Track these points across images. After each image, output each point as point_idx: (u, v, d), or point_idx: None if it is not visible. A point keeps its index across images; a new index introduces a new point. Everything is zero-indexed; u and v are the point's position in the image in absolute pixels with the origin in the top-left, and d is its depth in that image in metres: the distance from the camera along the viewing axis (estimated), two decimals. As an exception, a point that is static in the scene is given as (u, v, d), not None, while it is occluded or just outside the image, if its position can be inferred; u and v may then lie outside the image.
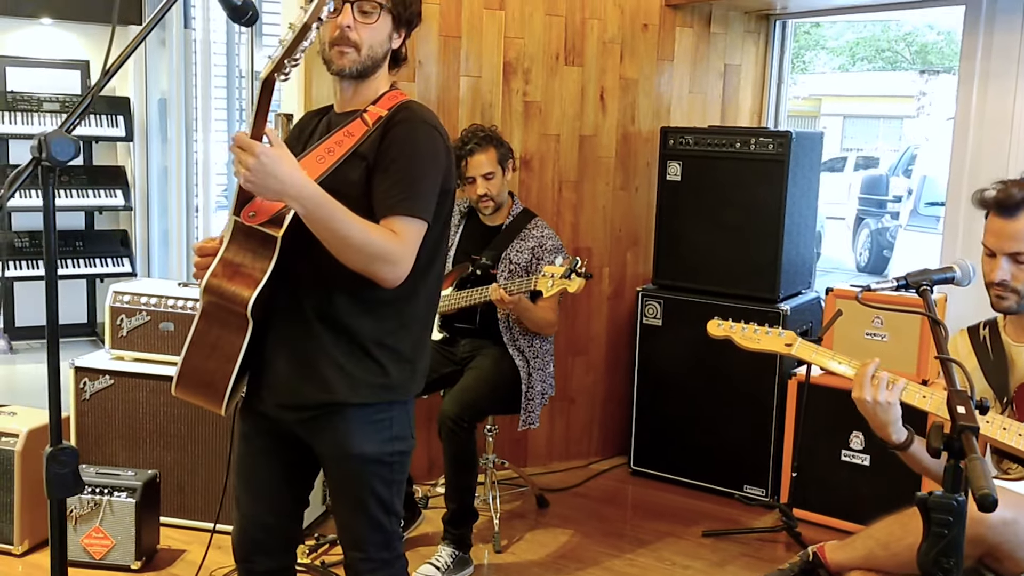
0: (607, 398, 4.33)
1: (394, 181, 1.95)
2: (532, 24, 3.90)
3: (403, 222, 1.93)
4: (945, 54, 22.28)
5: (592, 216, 4.16)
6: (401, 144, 1.97)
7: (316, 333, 2.00)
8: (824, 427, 3.63)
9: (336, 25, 1.98)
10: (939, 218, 6.35)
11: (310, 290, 1.98)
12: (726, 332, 2.36)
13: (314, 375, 2.01)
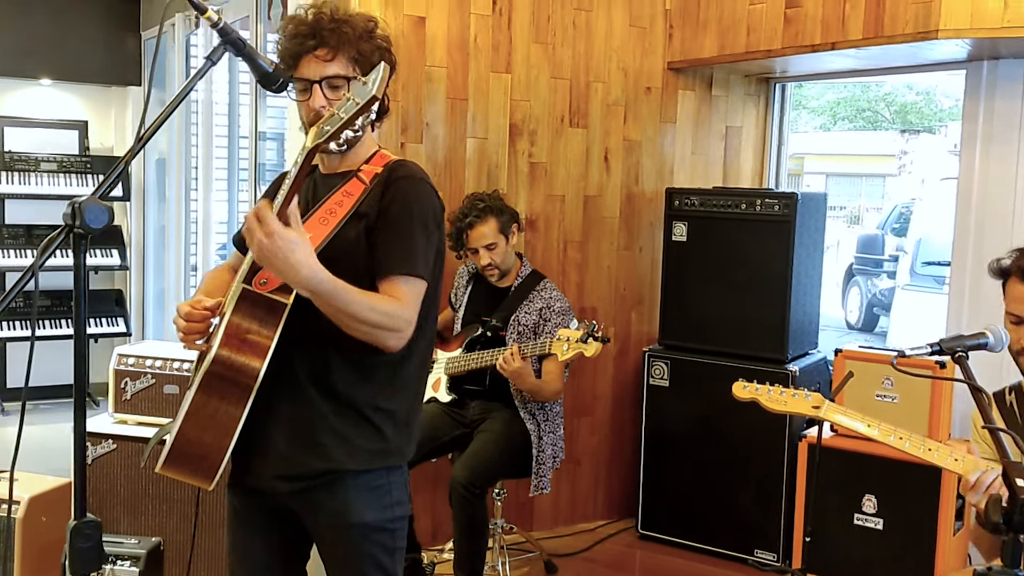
0: (613, 460, 4.29)
1: (395, 240, 1.93)
2: (538, 87, 3.93)
3: (405, 283, 1.92)
4: (924, 114, 22.64)
5: (597, 276, 4.16)
6: (402, 203, 1.96)
7: (311, 399, 1.96)
8: (835, 490, 3.59)
9: (309, 108, 1.97)
10: (935, 278, 6.40)
11: (305, 355, 1.94)
12: (752, 394, 2.34)
13: (311, 443, 1.96)
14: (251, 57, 1.87)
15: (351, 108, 1.70)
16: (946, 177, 6.67)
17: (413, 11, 3.64)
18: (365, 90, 1.69)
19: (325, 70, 1.96)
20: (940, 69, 3.95)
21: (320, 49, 1.96)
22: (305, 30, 1.97)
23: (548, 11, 3.92)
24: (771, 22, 3.77)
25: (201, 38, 5.25)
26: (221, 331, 1.85)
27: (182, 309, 1.99)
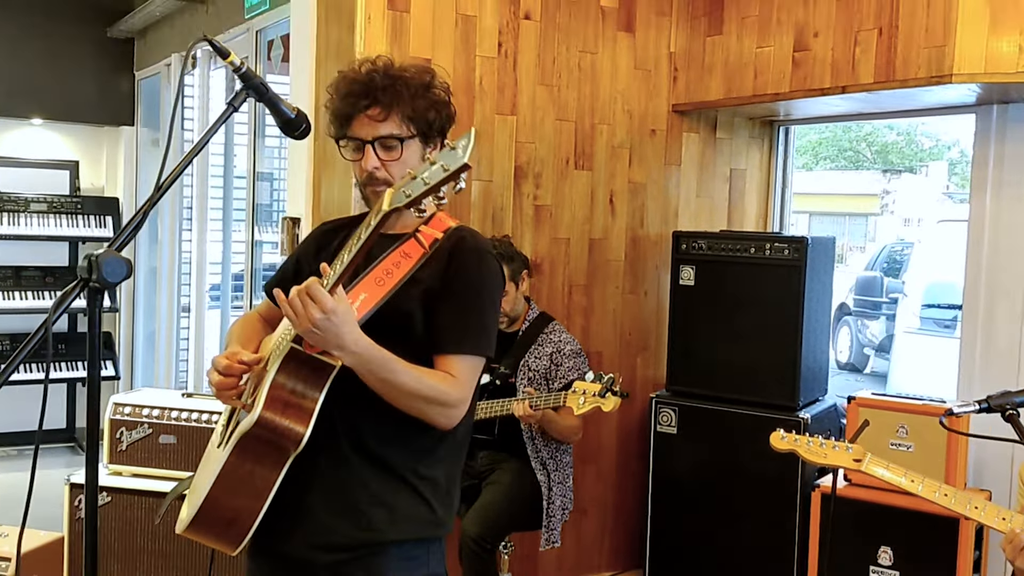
0: (619, 508, 4.19)
1: (460, 315, 1.86)
2: (543, 129, 3.88)
3: (465, 360, 1.85)
4: (905, 154, 22.89)
5: (602, 320, 4.09)
6: (469, 276, 1.88)
7: (350, 463, 1.87)
8: (850, 541, 3.51)
9: (362, 168, 1.91)
10: (936, 320, 6.38)
11: (345, 416, 1.85)
12: (791, 445, 2.28)
13: (352, 511, 1.87)
14: (273, 103, 1.81)
15: (437, 175, 1.57)
16: (944, 219, 6.68)
17: (418, 52, 3.59)
18: (455, 157, 1.56)
19: (378, 130, 1.89)
20: (948, 113, 3.93)
21: (372, 108, 1.88)
22: (357, 89, 1.89)
23: (553, 53, 3.88)
24: (779, 65, 3.74)
25: (197, 78, 5.19)
26: (264, 391, 1.76)
27: (220, 363, 1.90)
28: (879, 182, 23.27)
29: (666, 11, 4.14)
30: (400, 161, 1.92)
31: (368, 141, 1.90)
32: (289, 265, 2.24)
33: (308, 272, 2.11)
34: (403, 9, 3.56)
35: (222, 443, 1.98)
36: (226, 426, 2.07)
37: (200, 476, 2.05)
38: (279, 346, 1.82)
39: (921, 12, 3.28)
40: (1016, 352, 3.62)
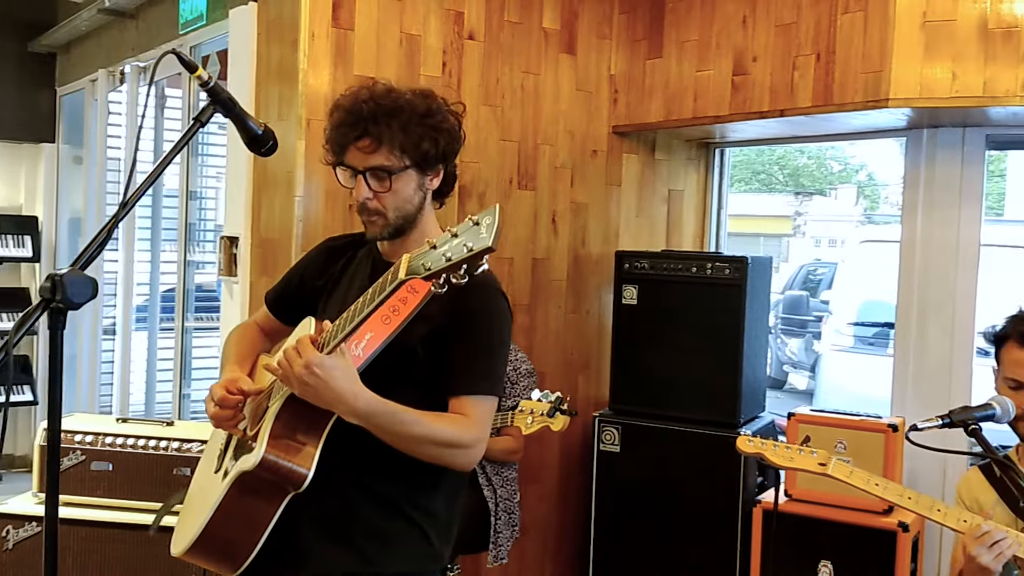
0: (561, 528, 4.18)
1: (472, 356, 1.84)
2: (487, 149, 3.88)
3: (479, 402, 1.83)
4: (815, 177, 23.58)
5: (545, 340, 4.09)
6: (480, 316, 1.86)
7: (348, 497, 1.85)
8: (791, 555, 3.56)
9: (354, 198, 1.89)
10: (859, 338, 6.56)
11: (343, 448, 1.81)
12: (758, 449, 2.30)
13: (349, 544, 1.85)
14: (241, 118, 1.77)
15: (459, 252, 1.51)
16: (867, 240, 6.90)
17: (363, 71, 3.56)
18: (478, 236, 1.49)
19: (368, 161, 1.86)
20: (879, 136, 4.06)
21: (362, 140, 1.86)
22: (348, 119, 1.87)
23: (497, 74, 3.89)
24: (719, 88, 3.81)
25: (125, 95, 5.05)
26: (267, 432, 1.72)
27: (216, 392, 1.86)
28: (791, 204, 23.91)
29: (607, 34, 4.19)
30: (392, 192, 1.89)
31: (360, 171, 1.88)
32: (293, 278, 2.19)
33: (311, 289, 2.08)
34: (347, 27, 3.53)
35: (220, 470, 1.93)
36: (223, 450, 2.01)
37: (195, 498, 2.00)
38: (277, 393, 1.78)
39: (858, 39, 3.39)
40: (947, 368, 3.74)
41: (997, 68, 3.14)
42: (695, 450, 3.79)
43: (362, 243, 2.09)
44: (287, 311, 2.16)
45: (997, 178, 11.70)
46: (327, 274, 2.08)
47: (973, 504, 2.34)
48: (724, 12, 3.81)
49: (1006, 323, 2.29)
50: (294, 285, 2.16)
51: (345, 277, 2.05)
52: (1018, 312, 2.31)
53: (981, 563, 1.99)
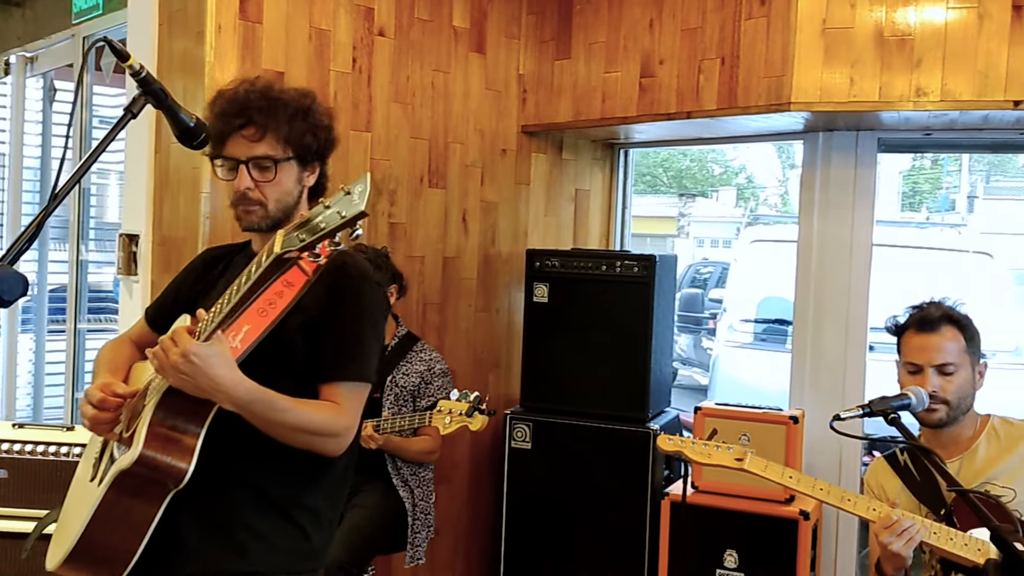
0: (472, 526, 4.19)
1: (344, 343, 1.85)
2: (397, 146, 3.86)
3: (349, 388, 1.84)
4: (697, 179, 24.23)
5: (455, 338, 4.09)
6: (351, 304, 1.88)
7: (229, 495, 1.83)
8: (699, 546, 3.66)
9: (235, 188, 1.88)
10: (752, 334, 6.78)
11: (225, 447, 1.79)
12: (677, 447, 2.36)
13: (230, 543, 1.83)
14: (172, 110, 1.73)
15: (333, 220, 1.51)
16: (756, 239, 7.14)
17: (271, 65, 3.49)
18: (350, 203, 1.50)
19: (252, 150, 1.86)
20: (777, 139, 4.21)
21: (247, 128, 1.86)
22: (233, 108, 1.86)
23: (407, 71, 3.87)
24: (626, 90, 3.88)
25: (9, 87, 4.82)
26: (144, 427, 1.67)
27: (94, 395, 1.81)
28: (675, 206, 24.52)
29: (515, 34, 4.21)
30: (274, 183, 1.91)
31: (242, 161, 1.87)
32: (171, 290, 2.17)
33: (187, 299, 2.04)
34: (255, 20, 3.45)
35: (96, 477, 1.87)
36: (98, 458, 1.95)
37: (71, 510, 1.93)
38: (159, 379, 1.73)
39: (761, 44, 3.50)
40: (842, 362, 3.90)
41: (892, 74, 3.29)
42: (605, 445, 3.86)
43: (241, 250, 2.08)
44: (164, 323, 2.10)
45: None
46: (204, 281, 2.07)
47: (880, 491, 2.45)
48: (631, 15, 3.88)
49: (905, 314, 2.42)
50: (172, 296, 2.14)
51: (222, 281, 2.03)
52: (918, 304, 2.45)
53: (893, 550, 2.09)
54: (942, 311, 2.37)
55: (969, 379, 2.35)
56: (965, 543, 2.14)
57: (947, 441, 2.33)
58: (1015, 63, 3.15)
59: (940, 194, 18.70)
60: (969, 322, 2.39)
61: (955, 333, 2.36)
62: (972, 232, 10.83)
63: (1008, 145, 4.22)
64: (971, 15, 3.20)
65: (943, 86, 3.23)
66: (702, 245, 23.86)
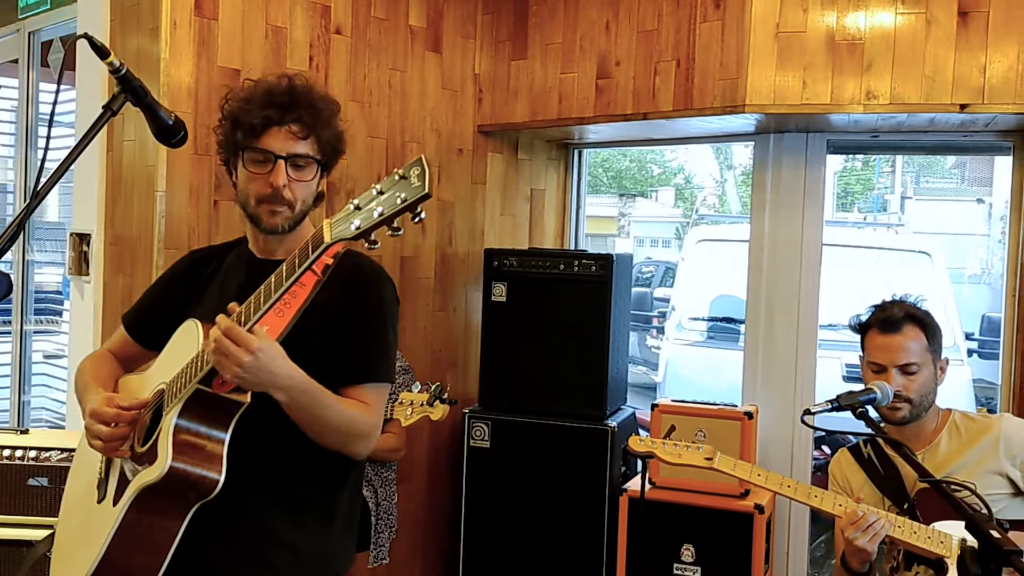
0: (430, 525, 4.19)
1: (367, 344, 1.84)
2: (355, 146, 3.84)
3: (376, 389, 1.84)
4: (637, 180, 24.48)
5: (413, 338, 4.09)
6: (372, 304, 1.87)
7: (250, 504, 1.80)
8: (656, 541, 3.71)
9: (268, 183, 1.83)
10: (700, 332, 6.89)
11: (245, 454, 1.76)
12: (648, 447, 2.40)
13: (253, 556, 1.80)
14: (152, 108, 1.71)
15: (392, 205, 1.46)
16: (703, 239, 7.26)
17: (228, 63, 3.45)
18: (409, 186, 1.45)
19: (295, 147, 1.83)
20: (729, 140, 4.29)
21: (296, 124, 1.82)
22: (285, 100, 1.83)
23: (364, 70, 3.86)
24: (583, 91, 3.92)
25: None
26: (169, 438, 1.63)
27: (106, 413, 1.75)
28: (616, 205, 24.73)
29: (471, 34, 4.23)
30: (307, 184, 1.88)
31: (281, 156, 1.83)
32: (154, 297, 2.11)
33: (175, 304, 1.99)
34: (211, 16, 3.41)
35: (104, 498, 1.83)
36: (103, 478, 1.90)
37: (74, 535, 1.87)
38: (175, 387, 1.70)
39: (716, 47, 3.57)
40: (793, 359, 3.99)
41: (843, 78, 3.38)
42: (564, 443, 3.89)
43: (228, 251, 2.05)
44: (149, 332, 2.07)
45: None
46: (193, 286, 2.02)
47: (845, 484, 2.52)
48: (587, 16, 3.92)
49: (868, 312, 2.49)
50: (156, 303, 2.08)
51: (214, 284, 1.99)
52: (880, 303, 2.51)
53: (858, 545, 2.15)
54: (905, 310, 2.44)
55: (931, 376, 2.42)
56: (928, 536, 2.21)
57: (910, 436, 2.40)
58: (961, 67, 3.26)
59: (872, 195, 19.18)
60: (931, 320, 2.46)
61: (917, 332, 2.43)
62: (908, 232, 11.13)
63: (951, 147, 4.35)
64: (919, 20, 3.30)
65: (892, 89, 3.33)
66: (642, 244, 24.12)
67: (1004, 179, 12.85)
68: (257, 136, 1.84)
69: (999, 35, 3.23)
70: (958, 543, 2.13)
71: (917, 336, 2.43)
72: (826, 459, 5.00)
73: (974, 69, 3.25)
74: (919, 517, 2.29)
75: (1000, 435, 2.40)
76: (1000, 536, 1.66)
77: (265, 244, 1.92)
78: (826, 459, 5.00)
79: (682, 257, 7.49)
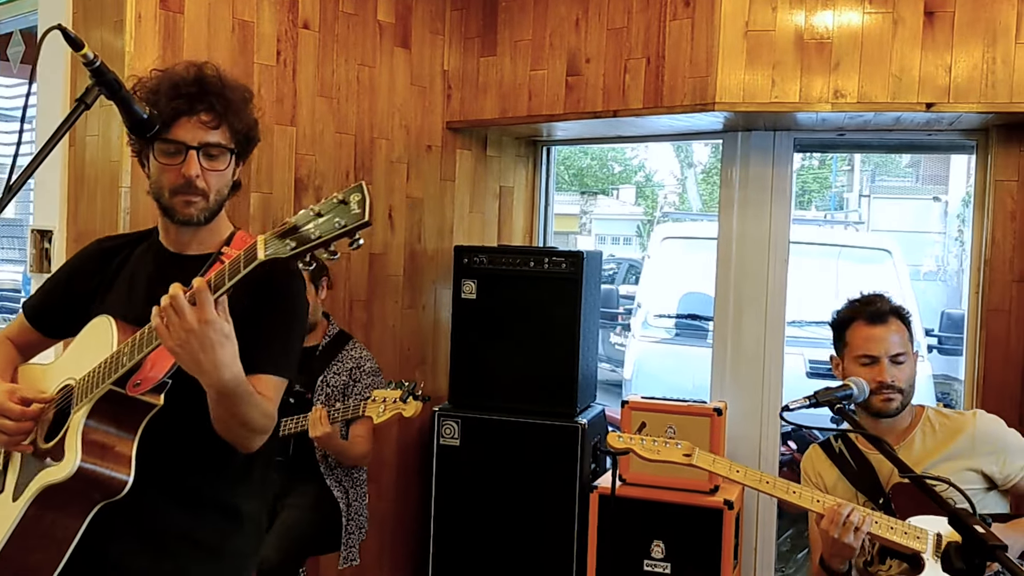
0: (399, 526, 4.16)
1: (271, 337, 1.81)
2: (323, 142, 3.81)
3: (277, 382, 1.80)
4: (598, 177, 24.58)
5: (382, 335, 4.06)
6: (281, 299, 1.84)
7: (155, 500, 1.76)
8: (626, 537, 3.72)
9: (180, 174, 1.79)
10: (666, 329, 6.92)
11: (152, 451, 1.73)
12: (627, 444, 2.40)
13: (158, 553, 1.77)
14: (126, 101, 1.67)
15: (328, 229, 1.43)
16: (668, 236, 7.28)
17: (194, 57, 3.34)
18: (348, 212, 1.43)
19: (207, 136, 1.79)
20: (697, 138, 4.31)
21: (206, 114, 1.78)
22: (192, 90, 1.78)
23: (332, 65, 3.82)
24: (553, 88, 3.92)
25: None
26: (77, 437, 1.59)
27: (12, 408, 1.70)
28: (577, 203, 24.81)
29: (439, 30, 4.20)
30: (221, 173, 1.85)
31: (193, 147, 1.80)
32: (58, 286, 2.04)
33: (79, 294, 1.95)
34: (176, 10, 3.36)
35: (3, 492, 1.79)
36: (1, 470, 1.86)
37: None
38: (86, 385, 1.66)
39: (685, 45, 3.58)
40: (761, 355, 4.01)
41: (811, 76, 3.41)
42: (534, 441, 3.88)
43: (137, 243, 2.01)
44: (51, 321, 2.03)
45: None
46: (99, 276, 1.97)
47: (817, 479, 2.54)
48: (557, 13, 3.92)
49: (849, 306, 2.51)
50: (59, 293, 2.03)
51: (122, 276, 1.95)
52: (859, 296, 2.53)
53: (845, 542, 2.16)
54: (888, 304, 2.47)
55: (914, 368, 2.45)
56: (905, 531, 2.23)
57: (884, 431, 2.41)
58: (927, 67, 3.30)
59: (830, 193, 19.42)
60: (909, 315, 2.50)
61: (900, 326, 2.46)
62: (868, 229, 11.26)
63: (916, 146, 4.41)
64: (886, 20, 3.34)
65: (860, 88, 3.36)
66: (604, 242, 24.23)
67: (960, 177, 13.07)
68: (167, 127, 1.79)
69: (964, 35, 3.27)
70: (933, 537, 2.15)
71: (900, 329, 2.46)
72: (791, 454, 5.05)
73: (940, 68, 3.29)
74: (894, 512, 2.31)
75: (974, 432, 2.43)
76: (984, 531, 1.68)
77: (178, 236, 1.88)
78: (791, 454, 5.05)
79: (648, 255, 7.51)
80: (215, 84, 1.84)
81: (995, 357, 3.58)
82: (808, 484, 2.52)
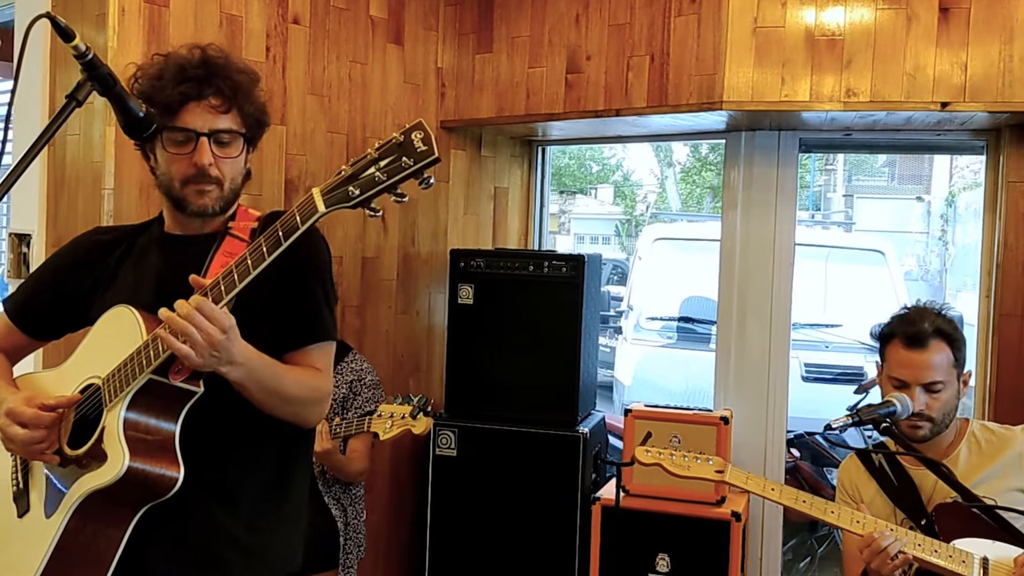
0: (394, 539, 4.03)
1: (307, 305, 1.74)
2: (314, 141, 3.67)
3: (323, 349, 1.75)
4: (577, 177, 24.51)
5: (376, 342, 3.92)
6: (314, 264, 1.78)
7: (197, 504, 1.66)
8: (630, 550, 3.61)
9: (192, 163, 1.69)
10: (658, 332, 6.81)
11: (192, 452, 1.63)
12: (655, 459, 2.28)
13: (202, 560, 1.67)
14: (121, 98, 1.54)
15: (398, 169, 1.37)
16: (659, 238, 7.17)
17: (180, 53, 3.24)
18: (415, 151, 1.38)
19: (217, 122, 1.69)
20: (700, 139, 4.20)
21: (215, 98, 1.68)
22: (200, 74, 1.68)
23: (324, 62, 3.68)
24: (552, 87, 3.79)
25: None
26: (120, 435, 1.47)
27: (24, 413, 1.58)
28: (556, 203, 24.73)
29: (433, 26, 4.07)
30: (234, 160, 1.76)
31: (203, 133, 1.70)
32: (46, 284, 1.92)
33: (72, 291, 1.84)
34: (161, 3, 3.20)
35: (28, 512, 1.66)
36: (21, 488, 1.72)
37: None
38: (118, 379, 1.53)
39: (691, 42, 3.46)
40: (766, 360, 3.91)
41: (822, 75, 3.30)
42: (534, 450, 3.76)
43: (139, 234, 1.90)
44: (39, 322, 1.92)
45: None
46: (97, 271, 1.86)
47: (854, 492, 2.41)
48: (556, 9, 3.79)
49: (892, 322, 2.36)
50: (49, 291, 1.91)
51: (126, 267, 1.84)
52: (903, 311, 2.39)
53: (885, 573, 2.04)
54: (933, 324, 2.28)
55: (955, 393, 2.27)
56: (950, 554, 2.10)
57: (926, 448, 2.29)
58: (942, 65, 3.20)
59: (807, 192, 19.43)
60: (958, 332, 2.30)
61: (943, 347, 2.28)
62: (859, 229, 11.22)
63: (924, 146, 4.33)
64: (900, 17, 3.23)
65: (872, 87, 3.26)
66: (582, 242, 24.16)
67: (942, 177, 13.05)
68: (175, 114, 1.69)
69: (980, 32, 3.18)
70: (980, 561, 2.04)
71: (943, 351, 2.28)
72: (794, 462, 4.95)
73: (955, 67, 3.20)
74: (937, 533, 2.19)
75: (1022, 450, 2.30)
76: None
77: (180, 219, 1.78)
78: (794, 462, 4.95)
79: (638, 256, 7.41)
80: (222, 66, 1.75)
81: (1008, 363, 3.49)
82: (844, 496, 2.40)
